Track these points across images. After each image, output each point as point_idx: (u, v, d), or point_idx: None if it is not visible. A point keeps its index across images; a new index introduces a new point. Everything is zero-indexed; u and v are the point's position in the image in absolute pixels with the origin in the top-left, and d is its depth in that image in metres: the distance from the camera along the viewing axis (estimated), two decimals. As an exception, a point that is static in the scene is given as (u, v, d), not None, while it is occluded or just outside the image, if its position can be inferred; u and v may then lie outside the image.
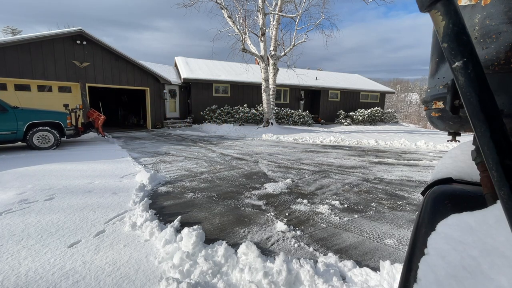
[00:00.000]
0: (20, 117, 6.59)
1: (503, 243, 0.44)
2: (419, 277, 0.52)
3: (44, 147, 6.93)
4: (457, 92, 0.54)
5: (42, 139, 6.93)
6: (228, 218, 2.97)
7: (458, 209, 0.58)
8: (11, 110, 6.48)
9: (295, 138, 10.68)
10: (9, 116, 6.41)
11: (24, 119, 6.66)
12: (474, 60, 0.38)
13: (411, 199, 3.76)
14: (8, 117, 6.39)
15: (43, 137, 6.94)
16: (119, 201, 3.34)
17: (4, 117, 6.33)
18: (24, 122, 6.64)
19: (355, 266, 2.06)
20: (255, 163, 5.91)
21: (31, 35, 10.28)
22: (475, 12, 0.57)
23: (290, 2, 12.90)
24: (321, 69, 25.24)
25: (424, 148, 9.31)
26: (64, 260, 2.05)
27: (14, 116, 6.49)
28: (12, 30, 32.14)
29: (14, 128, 6.49)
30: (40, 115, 6.98)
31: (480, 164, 0.61)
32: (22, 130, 6.62)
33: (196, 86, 15.41)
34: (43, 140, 6.95)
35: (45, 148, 6.94)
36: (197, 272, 1.90)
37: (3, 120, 6.34)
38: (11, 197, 3.32)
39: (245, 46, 12.12)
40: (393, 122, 20.61)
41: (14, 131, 6.51)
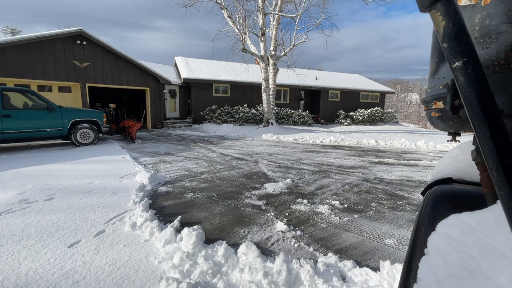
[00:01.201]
0: (65, 115, 7.30)
1: (503, 243, 0.44)
2: (419, 277, 0.52)
3: (85, 143, 7.70)
4: (457, 92, 0.54)
5: (84, 135, 7.66)
6: (228, 218, 2.97)
7: (458, 209, 0.58)
8: (58, 109, 7.17)
9: (295, 138, 10.68)
10: (56, 114, 7.12)
11: (69, 117, 7.38)
12: (474, 60, 0.38)
13: (411, 199, 3.76)
14: (56, 115, 7.11)
15: (84, 133, 7.66)
16: (119, 201, 3.34)
17: (52, 116, 7.04)
18: (68, 120, 7.36)
19: (355, 266, 2.06)
20: (255, 163, 5.91)
21: (31, 35, 10.27)
22: (475, 12, 0.57)
23: (290, 2, 12.90)
24: (321, 69, 25.24)
25: (424, 148, 9.31)
26: (64, 260, 2.05)
27: (60, 114, 7.20)
28: (12, 30, 32.13)
29: (60, 126, 7.23)
30: (81, 114, 7.74)
31: (480, 164, 0.61)
32: (66, 128, 7.38)
33: (196, 86, 15.40)
34: (85, 136, 7.68)
35: (86, 144, 7.70)
36: (197, 272, 1.90)
37: (51, 118, 7.05)
38: (11, 197, 3.32)
39: (245, 46, 12.12)
40: (393, 122, 20.61)
41: (60, 128, 7.25)
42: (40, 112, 6.88)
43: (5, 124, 6.32)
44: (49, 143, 8.10)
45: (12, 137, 6.52)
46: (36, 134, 6.87)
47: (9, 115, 6.38)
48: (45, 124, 6.96)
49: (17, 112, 6.55)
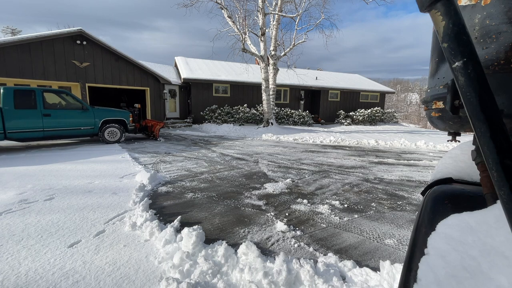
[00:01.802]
0: (97, 115, 7.87)
1: (503, 243, 0.44)
2: (419, 277, 0.52)
3: (112, 141, 8.21)
4: (457, 92, 0.54)
5: (111, 134, 8.16)
6: (228, 218, 2.97)
7: (458, 209, 0.58)
8: (91, 109, 7.76)
9: (295, 138, 10.68)
10: (90, 114, 7.73)
11: (100, 117, 7.94)
12: (474, 60, 0.38)
13: (411, 199, 3.76)
14: (89, 115, 7.72)
15: (112, 132, 8.17)
16: (119, 201, 3.34)
17: (85, 115, 7.65)
18: (99, 119, 7.93)
19: (355, 266, 2.06)
20: (255, 163, 5.91)
21: (31, 35, 10.27)
22: (475, 12, 0.57)
23: (290, 2, 12.90)
24: (321, 69, 25.25)
25: (424, 148, 9.31)
26: (64, 260, 2.05)
27: (92, 114, 7.80)
28: (12, 30, 32.14)
29: (92, 124, 7.82)
30: (111, 113, 8.26)
31: (480, 164, 0.61)
32: (98, 126, 7.95)
33: (196, 86, 15.40)
34: (112, 134, 8.19)
35: (113, 141, 8.22)
36: (197, 272, 1.90)
37: (85, 117, 7.66)
38: (11, 197, 3.32)
39: (245, 46, 12.12)
40: (393, 122, 20.61)
41: (92, 127, 7.85)
42: (76, 112, 7.49)
43: (46, 122, 6.94)
44: (50, 143, 8.10)
45: (52, 135, 7.15)
46: (71, 132, 7.50)
47: (49, 114, 6.99)
48: (79, 123, 7.58)
49: (56, 112, 7.14)
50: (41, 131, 6.93)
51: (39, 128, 6.88)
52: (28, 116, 6.70)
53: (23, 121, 6.64)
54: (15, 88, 6.69)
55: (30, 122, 6.74)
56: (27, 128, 6.71)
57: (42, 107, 6.90)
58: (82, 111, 7.61)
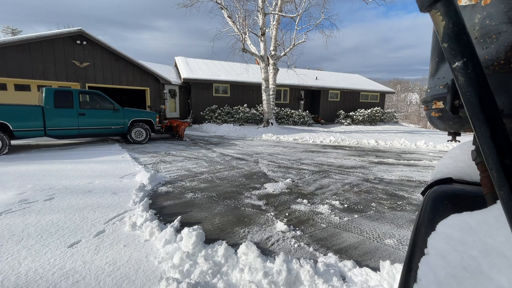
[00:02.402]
0: (126, 115, 8.19)
1: (503, 243, 0.44)
2: (419, 277, 0.52)
3: (138, 140, 8.42)
4: (457, 92, 0.54)
5: (138, 133, 8.39)
6: (228, 218, 2.97)
7: (458, 209, 0.58)
8: (121, 110, 8.10)
9: (295, 138, 10.68)
10: (120, 114, 8.07)
11: (129, 117, 8.25)
12: (474, 60, 0.38)
13: (411, 199, 3.76)
14: (119, 115, 8.06)
15: (138, 132, 8.39)
16: (119, 201, 3.34)
17: (116, 115, 8.00)
18: (129, 119, 8.24)
19: (355, 266, 2.06)
20: (255, 163, 5.91)
21: (31, 35, 10.27)
22: (475, 12, 0.57)
23: (290, 2, 12.89)
24: (321, 69, 25.24)
25: (424, 148, 9.31)
26: (64, 260, 2.05)
27: (123, 114, 8.11)
28: (12, 30, 32.13)
29: (122, 124, 8.16)
30: (139, 114, 8.58)
31: (480, 164, 0.61)
32: (127, 126, 8.25)
33: (196, 86, 15.40)
34: (139, 134, 8.41)
35: (139, 141, 8.43)
36: (197, 272, 1.90)
37: (116, 117, 8.02)
38: (11, 197, 3.32)
39: (245, 46, 12.12)
40: (393, 122, 20.61)
41: (122, 126, 8.18)
42: (107, 112, 7.85)
43: (81, 121, 7.38)
44: (50, 143, 8.10)
45: (85, 133, 7.61)
46: (103, 130, 7.89)
47: (84, 114, 7.43)
48: (111, 122, 7.94)
49: (90, 111, 7.55)
50: (76, 129, 7.38)
51: (74, 126, 7.33)
52: (65, 115, 7.14)
53: (61, 119, 7.09)
54: (56, 89, 7.14)
55: (67, 120, 7.18)
56: (64, 126, 7.16)
57: (78, 107, 7.33)
58: (113, 111, 7.93)
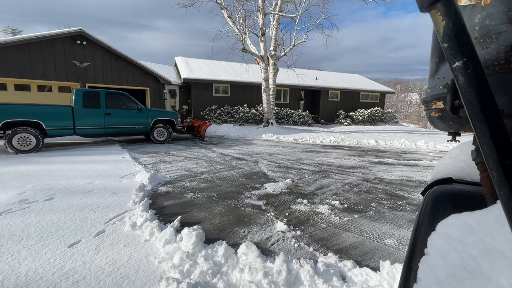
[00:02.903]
0: (149, 115, 8.40)
1: (503, 243, 0.44)
2: (419, 277, 0.52)
3: (161, 140, 8.63)
4: (457, 92, 0.54)
5: (160, 133, 8.60)
6: (228, 218, 2.97)
7: (458, 209, 0.58)
8: (144, 110, 8.31)
9: (295, 138, 10.68)
10: (143, 114, 8.28)
11: (152, 117, 8.44)
12: (474, 60, 0.38)
13: (411, 199, 3.76)
14: (142, 114, 8.28)
15: (160, 131, 8.61)
16: (119, 201, 3.34)
17: (140, 115, 8.22)
18: (151, 119, 8.44)
19: (355, 266, 2.06)
20: (255, 163, 5.91)
21: (31, 35, 10.27)
22: (475, 12, 0.57)
23: (290, 2, 12.89)
24: (321, 69, 25.24)
25: (424, 148, 9.31)
26: (64, 260, 2.05)
27: (146, 114, 8.32)
28: (12, 30, 32.12)
29: (145, 124, 8.37)
30: (161, 114, 8.75)
31: (480, 164, 0.61)
32: (150, 125, 8.46)
33: (196, 86, 15.40)
34: (161, 134, 8.62)
35: (161, 141, 8.63)
36: (197, 272, 1.90)
37: (140, 117, 8.24)
38: (11, 197, 3.32)
39: (245, 46, 12.12)
40: (393, 122, 20.61)
41: (145, 126, 8.40)
42: (131, 112, 8.10)
43: (107, 120, 7.69)
44: (49, 143, 8.10)
45: (111, 132, 7.90)
46: (127, 130, 8.15)
47: (110, 113, 7.71)
48: (134, 122, 8.18)
49: (115, 111, 7.81)
50: (103, 128, 7.68)
51: (101, 125, 7.63)
52: (93, 115, 7.47)
53: (89, 119, 7.43)
54: (84, 90, 7.49)
55: (94, 120, 7.50)
56: (91, 125, 7.50)
57: (105, 107, 7.63)
58: (137, 111, 8.16)
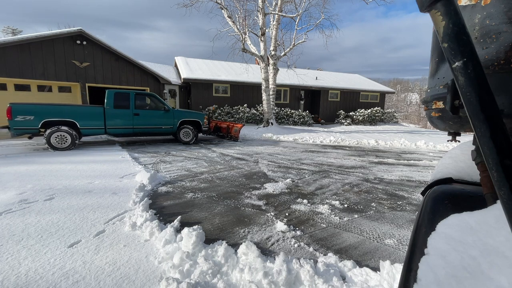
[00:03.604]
0: (176, 115, 8.45)
1: (503, 243, 0.44)
2: (419, 277, 0.52)
3: (186, 141, 8.67)
4: (457, 92, 0.54)
5: (186, 134, 8.66)
6: (228, 218, 2.97)
7: (458, 209, 0.58)
8: (171, 110, 8.36)
9: (295, 138, 10.67)
10: (170, 114, 8.33)
11: (178, 117, 8.50)
12: (474, 60, 0.38)
13: (411, 199, 3.76)
14: (169, 115, 8.32)
15: (186, 132, 8.66)
16: (119, 201, 3.34)
17: (167, 115, 8.28)
18: (178, 119, 8.49)
19: (355, 266, 2.06)
20: (255, 163, 5.90)
21: (31, 35, 10.27)
22: (475, 12, 0.57)
23: (290, 2, 12.89)
24: (321, 69, 25.24)
25: (424, 148, 9.31)
26: (64, 260, 2.05)
27: (172, 114, 8.37)
28: (12, 30, 32.11)
29: (172, 124, 8.42)
30: (187, 115, 8.77)
31: (480, 164, 0.61)
32: (176, 126, 8.50)
33: (196, 86, 15.40)
34: (186, 135, 8.67)
35: (187, 142, 8.68)
36: (197, 272, 1.90)
37: (167, 118, 8.29)
38: (11, 197, 3.32)
39: (245, 46, 12.12)
40: (393, 122, 20.61)
41: (171, 126, 8.45)
42: (159, 112, 8.18)
43: (135, 120, 7.83)
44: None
45: (139, 132, 8.03)
46: (154, 130, 8.23)
47: (138, 114, 7.85)
48: (161, 122, 8.24)
49: (143, 112, 7.96)
50: (131, 128, 7.84)
51: (130, 125, 7.79)
52: (122, 115, 7.66)
53: (119, 119, 7.63)
54: (116, 91, 7.69)
55: (124, 120, 7.69)
56: (121, 125, 7.69)
57: (133, 108, 7.79)
58: (164, 112, 8.22)
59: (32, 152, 6.51)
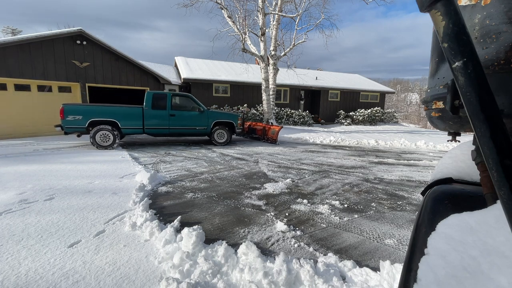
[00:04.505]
0: (210, 116, 8.46)
1: (503, 243, 0.44)
2: (419, 277, 0.52)
3: (221, 142, 8.64)
4: (457, 92, 0.54)
5: (220, 135, 8.64)
6: (228, 218, 2.97)
7: (458, 209, 0.58)
8: (206, 111, 8.41)
9: (295, 138, 10.67)
10: (205, 115, 8.37)
11: (212, 118, 8.50)
12: (474, 60, 0.38)
13: (411, 199, 3.76)
14: (204, 116, 8.36)
15: (220, 134, 8.63)
16: (119, 201, 3.34)
17: (201, 116, 8.32)
18: (212, 120, 8.48)
19: (355, 266, 2.06)
20: (255, 163, 5.90)
21: (31, 35, 10.27)
22: (475, 12, 0.57)
23: (290, 2, 12.89)
24: (321, 69, 25.23)
25: (424, 148, 9.31)
26: (64, 260, 2.05)
27: (207, 115, 8.39)
28: (12, 30, 32.11)
29: (206, 125, 8.43)
30: (221, 116, 8.75)
31: (480, 164, 0.61)
32: (210, 127, 8.49)
33: (196, 86, 15.40)
34: (221, 136, 8.65)
35: (221, 143, 8.64)
36: (197, 272, 1.90)
37: (201, 119, 8.33)
38: (11, 197, 3.32)
39: (245, 46, 12.11)
40: (393, 122, 20.60)
41: (205, 127, 8.45)
42: (193, 113, 8.25)
43: (171, 121, 7.96)
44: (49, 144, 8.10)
45: (174, 132, 8.15)
46: (188, 131, 8.31)
47: (174, 115, 7.97)
48: (196, 123, 8.30)
49: (178, 112, 8.07)
50: (167, 128, 7.97)
51: (166, 126, 7.92)
52: (159, 116, 7.83)
53: (156, 119, 7.80)
54: (154, 92, 7.93)
55: (160, 120, 7.85)
56: (158, 126, 7.85)
57: (170, 109, 7.92)
58: (199, 113, 8.28)
59: (32, 152, 6.51)
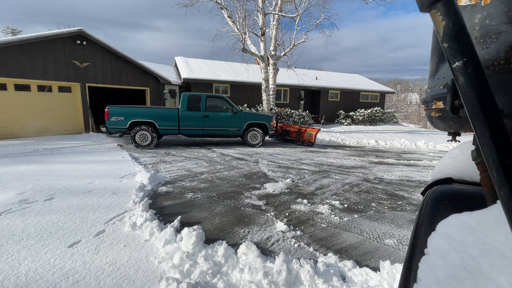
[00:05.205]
0: (243, 118, 8.44)
1: (503, 243, 0.44)
2: (419, 277, 0.52)
3: (254, 144, 8.59)
4: (457, 92, 0.54)
5: (253, 137, 8.60)
6: (228, 218, 2.97)
7: (458, 209, 0.58)
8: (239, 113, 8.40)
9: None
10: (237, 117, 8.37)
11: (245, 120, 8.47)
12: (474, 60, 0.38)
13: (411, 199, 3.76)
14: (237, 117, 8.35)
15: (254, 135, 8.59)
16: (119, 201, 3.34)
17: (234, 118, 8.32)
18: (245, 122, 8.45)
19: (355, 266, 2.06)
20: (255, 163, 5.90)
21: (31, 35, 10.27)
22: (475, 12, 0.57)
23: (290, 2, 12.88)
24: (321, 69, 25.23)
25: (424, 148, 9.31)
26: (64, 260, 2.05)
27: (239, 117, 8.39)
28: (12, 30, 32.11)
29: (238, 126, 8.42)
30: (254, 117, 8.71)
31: (480, 164, 0.61)
32: (242, 128, 8.46)
33: (196, 86, 15.40)
34: (254, 137, 8.60)
35: (254, 144, 8.59)
36: (197, 272, 1.90)
37: (234, 120, 8.33)
38: (11, 197, 3.32)
39: (245, 46, 12.11)
40: (393, 122, 20.60)
41: (238, 129, 8.43)
42: (227, 115, 8.26)
43: (205, 122, 8.05)
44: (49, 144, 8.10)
45: (207, 133, 8.24)
46: (222, 132, 8.34)
47: (208, 116, 8.05)
48: (228, 125, 8.31)
49: (212, 114, 8.13)
50: (201, 129, 8.07)
51: (200, 127, 8.03)
52: (194, 117, 7.96)
53: (191, 121, 7.95)
54: (190, 94, 8.05)
55: (195, 122, 7.97)
56: (192, 127, 7.98)
57: (204, 110, 8.02)
58: (232, 114, 8.29)
59: (32, 152, 6.51)
